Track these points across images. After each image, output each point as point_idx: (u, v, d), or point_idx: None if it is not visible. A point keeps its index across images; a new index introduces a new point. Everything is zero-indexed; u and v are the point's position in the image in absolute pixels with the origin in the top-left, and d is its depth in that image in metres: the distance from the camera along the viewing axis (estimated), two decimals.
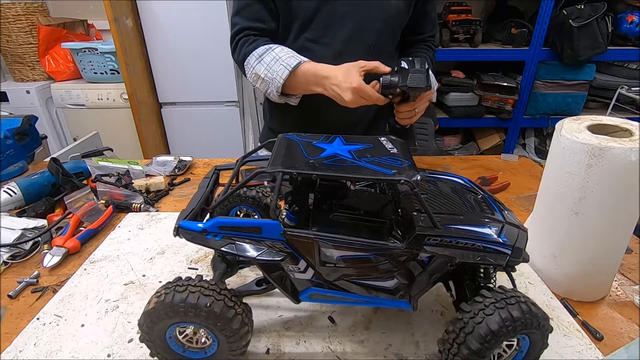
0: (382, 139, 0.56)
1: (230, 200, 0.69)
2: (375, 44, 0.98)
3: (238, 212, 0.72)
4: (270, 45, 0.91)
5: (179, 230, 0.50)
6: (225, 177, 0.60)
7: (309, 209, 0.55)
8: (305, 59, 0.88)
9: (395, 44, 1.04)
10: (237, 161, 0.60)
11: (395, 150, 0.53)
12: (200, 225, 0.49)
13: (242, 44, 0.96)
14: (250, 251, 0.49)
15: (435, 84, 0.97)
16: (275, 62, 0.89)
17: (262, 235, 0.48)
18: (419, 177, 0.45)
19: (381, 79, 0.80)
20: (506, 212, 0.54)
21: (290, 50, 0.91)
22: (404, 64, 0.79)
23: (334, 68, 0.84)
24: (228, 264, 0.59)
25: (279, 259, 0.49)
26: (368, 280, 0.51)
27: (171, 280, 0.49)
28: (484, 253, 0.48)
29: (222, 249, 0.49)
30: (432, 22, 1.07)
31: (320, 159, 0.49)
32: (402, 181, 0.45)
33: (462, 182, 0.61)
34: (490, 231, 0.48)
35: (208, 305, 0.46)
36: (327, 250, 0.49)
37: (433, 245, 0.47)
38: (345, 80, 0.80)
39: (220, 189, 0.62)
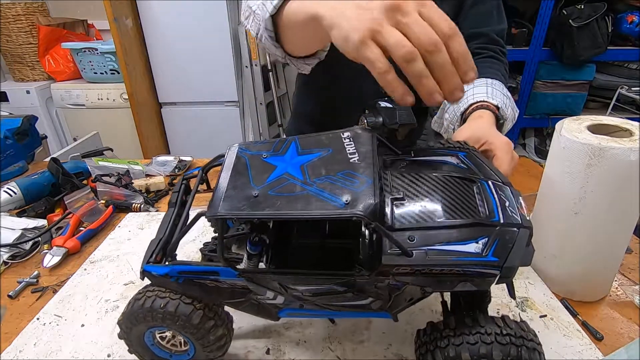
0: (345, 135, 0.46)
1: None
2: None
3: None
4: None
5: (144, 274, 0.47)
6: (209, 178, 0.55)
7: (269, 237, 0.49)
8: None
9: None
10: (201, 170, 0.53)
11: (356, 158, 0.43)
12: (161, 270, 0.47)
13: None
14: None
15: (515, 111, 0.75)
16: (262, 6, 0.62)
17: (221, 277, 0.46)
18: (376, 202, 0.38)
19: (366, 120, 0.73)
20: (507, 202, 0.45)
21: None
22: (384, 104, 0.72)
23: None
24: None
25: (243, 299, 0.47)
26: (341, 301, 0.47)
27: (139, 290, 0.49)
28: (464, 278, 0.41)
29: (186, 293, 0.47)
30: (490, 17, 0.82)
31: (266, 187, 0.42)
32: (355, 218, 0.37)
33: (455, 162, 0.49)
34: (476, 247, 0.40)
35: (162, 306, 0.45)
36: (290, 284, 0.45)
37: (402, 274, 0.41)
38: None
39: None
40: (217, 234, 0.63)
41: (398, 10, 0.40)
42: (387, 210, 0.42)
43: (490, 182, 0.47)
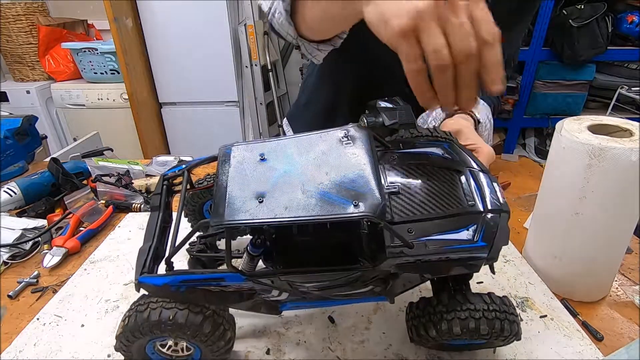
0: (342, 134, 0.46)
1: (200, 196, 0.64)
2: None
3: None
4: None
5: (140, 286, 0.45)
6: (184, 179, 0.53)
7: (272, 239, 0.50)
8: None
9: None
10: (183, 172, 0.53)
11: (356, 158, 0.43)
12: (160, 280, 0.45)
13: None
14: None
15: (489, 139, 0.76)
16: None
17: (227, 282, 0.45)
18: (384, 202, 0.40)
19: (366, 120, 0.73)
20: (488, 190, 0.47)
21: None
22: (384, 104, 0.73)
23: None
24: (204, 265, 0.57)
25: (249, 301, 0.47)
26: (345, 291, 0.49)
27: (135, 300, 0.47)
28: (459, 263, 0.44)
29: (189, 300, 0.46)
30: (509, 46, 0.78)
31: (269, 193, 0.41)
32: (366, 219, 0.39)
33: (440, 153, 0.51)
34: (468, 234, 0.43)
35: (171, 317, 0.44)
36: (299, 282, 0.46)
37: (405, 265, 0.43)
38: None
39: (176, 200, 0.54)
40: (202, 234, 0.62)
41: (451, 4, 0.37)
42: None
43: (472, 172, 0.49)
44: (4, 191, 0.88)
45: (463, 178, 0.48)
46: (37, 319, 0.61)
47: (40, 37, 2.39)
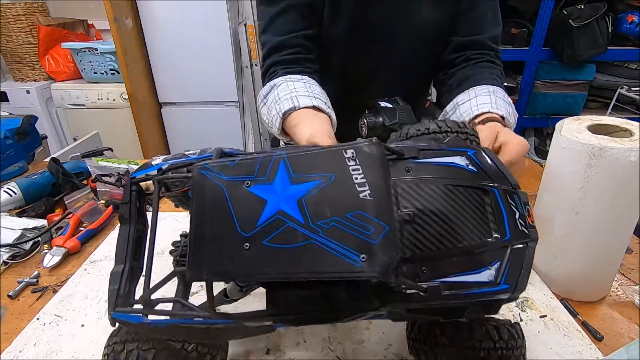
0: (349, 154, 0.36)
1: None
2: (402, 65, 0.87)
3: None
4: (276, 82, 0.76)
5: (115, 321, 0.41)
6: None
7: None
8: (305, 101, 0.69)
9: (430, 64, 0.89)
10: (157, 183, 0.45)
11: (367, 193, 0.34)
12: (137, 319, 0.40)
13: (268, 75, 0.81)
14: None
15: (515, 116, 0.74)
16: (274, 103, 0.74)
17: (214, 323, 0.40)
18: (397, 259, 0.33)
19: (366, 120, 0.72)
20: (517, 213, 0.41)
21: (296, 82, 0.74)
22: (384, 104, 0.73)
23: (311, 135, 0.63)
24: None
25: (238, 335, 0.44)
26: None
27: (113, 332, 0.44)
28: (475, 307, 0.39)
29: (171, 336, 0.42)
30: (485, 21, 0.82)
31: (258, 235, 0.34)
32: (374, 280, 0.33)
33: (464, 164, 0.42)
34: (489, 274, 0.37)
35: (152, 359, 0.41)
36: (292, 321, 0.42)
37: (415, 310, 0.38)
38: None
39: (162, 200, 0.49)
40: (185, 234, 0.59)
41: None
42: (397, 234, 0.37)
43: (501, 190, 0.41)
44: (4, 191, 0.88)
45: (488, 199, 0.40)
46: (37, 319, 0.61)
47: (40, 37, 2.39)
